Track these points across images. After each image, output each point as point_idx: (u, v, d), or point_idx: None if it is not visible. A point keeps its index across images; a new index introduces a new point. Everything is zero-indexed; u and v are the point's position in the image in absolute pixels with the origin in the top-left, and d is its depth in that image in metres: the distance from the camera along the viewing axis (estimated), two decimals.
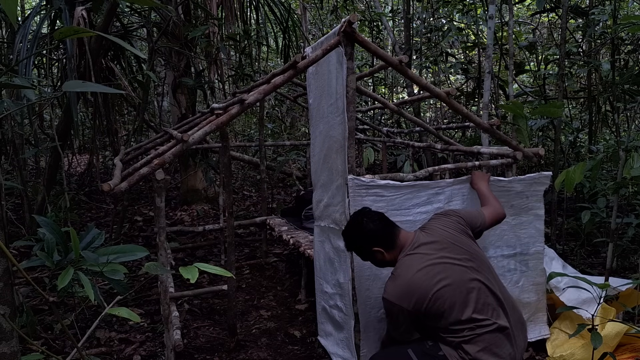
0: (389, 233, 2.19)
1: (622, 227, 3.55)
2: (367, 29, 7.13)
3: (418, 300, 2.01)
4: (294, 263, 4.35)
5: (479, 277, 2.09)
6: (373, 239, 2.19)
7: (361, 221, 2.21)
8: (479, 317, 2.01)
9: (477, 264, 2.14)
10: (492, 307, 2.05)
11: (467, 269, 2.10)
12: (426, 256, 2.10)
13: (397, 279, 2.08)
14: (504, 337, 2.03)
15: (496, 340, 2.01)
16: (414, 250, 2.14)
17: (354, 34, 2.39)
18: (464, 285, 2.04)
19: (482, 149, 3.18)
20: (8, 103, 2.78)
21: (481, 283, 2.08)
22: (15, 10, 1.18)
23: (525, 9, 8.50)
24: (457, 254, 2.13)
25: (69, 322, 2.99)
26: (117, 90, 1.45)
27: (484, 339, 1.99)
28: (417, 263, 2.08)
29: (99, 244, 2.39)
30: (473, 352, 1.98)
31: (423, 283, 2.03)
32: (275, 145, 6.48)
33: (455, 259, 2.11)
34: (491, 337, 2.00)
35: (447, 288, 2.02)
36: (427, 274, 2.04)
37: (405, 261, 2.11)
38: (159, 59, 5.97)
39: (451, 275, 2.05)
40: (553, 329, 2.81)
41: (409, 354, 2.06)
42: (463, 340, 2.00)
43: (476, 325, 2.00)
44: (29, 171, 6.47)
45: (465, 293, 2.03)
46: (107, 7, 3.85)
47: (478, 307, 2.03)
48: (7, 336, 1.34)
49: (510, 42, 4.56)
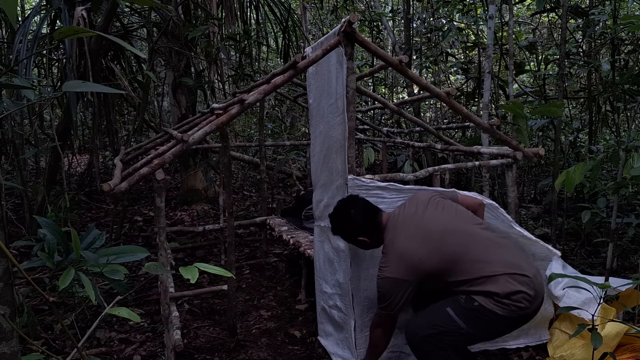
0: (374, 223, 2.32)
1: (622, 227, 3.55)
2: (367, 29, 7.13)
3: (422, 265, 2.11)
4: (294, 263, 4.35)
5: (468, 226, 2.23)
6: (359, 230, 2.34)
7: (348, 213, 2.33)
8: (486, 260, 2.10)
9: (462, 215, 2.29)
10: (493, 251, 2.14)
11: (455, 221, 2.24)
12: (412, 224, 2.22)
13: (393, 256, 2.17)
14: (516, 272, 2.09)
15: (512, 276, 2.08)
16: (399, 225, 2.24)
17: (354, 34, 2.39)
18: (459, 236, 2.17)
19: (482, 149, 3.18)
20: (8, 103, 2.78)
21: (473, 230, 2.22)
22: (15, 10, 1.18)
23: (525, 9, 8.50)
24: (440, 211, 2.27)
25: (69, 322, 2.99)
26: (117, 90, 1.45)
27: (502, 277, 2.07)
28: (406, 234, 2.19)
29: (99, 244, 2.40)
30: (502, 290, 2.05)
31: (420, 247, 2.14)
32: (275, 145, 6.48)
33: (441, 216, 2.25)
34: (506, 277, 2.07)
35: (445, 242, 2.14)
36: (421, 239, 2.16)
37: (395, 237, 2.21)
38: (159, 59, 5.97)
39: (444, 230, 2.18)
40: (553, 329, 2.81)
41: (449, 312, 2.13)
42: (486, 284, 2.07)
43: (490, 270, 2.08)
44: (29, 171, 6.47)
45: (464, 243, 2.15)
46: (107, 7, 3.85)
47: (481, 252, 2.13)
48: (7, 336, 1.34)
49: (510, 42, 4.56)
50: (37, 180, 5.98)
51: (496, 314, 2.05)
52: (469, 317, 2.09)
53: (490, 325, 2.11)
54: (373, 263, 2.56)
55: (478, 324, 2.10)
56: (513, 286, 2.05)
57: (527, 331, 2.80)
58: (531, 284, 2.08)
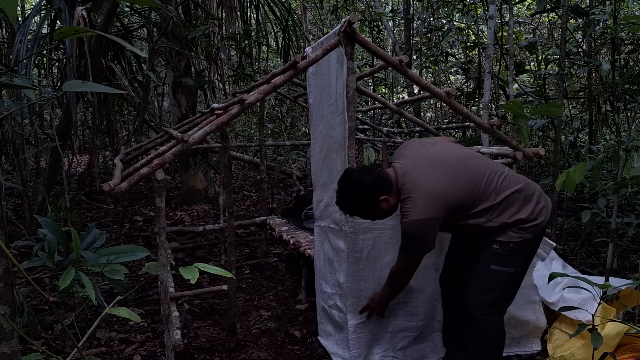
0: (383, 176, 2.21)
1: (622, 227, 3.55)
2: (367, 29, 7.13)
3: (449, 197, 2.12)
4: (294, 263, 4.35)
5: (473, 155, 2.32)
6: (376, 189, 2.18)
7: (355, 179, 2.18)
8: (500, 184, 2.18)
9: (462, 148, 2.41)
10: (501, 174, 2.22)
11: (462, 151, 2.32)
12: (426, 162, 2.21)
13: (418, 195, 2.11)
14: (527, 190, 2.22)
15: (526, 196, 2.20)
16: (411, 168, 2.19)
17: (354, 33, 2.39)
18: (473, 162, 2.24)
19: (482, 148, 3.18)
20: (8, 103, 2.78)
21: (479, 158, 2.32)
22: (15, 10, 1.18)
23: (525, 9, 8.50)
24: (444, 145, 2.35)
25: (69, 322, 2.99)
26: (117, 90, 1.45)
27: (518, 199, 2.17)
28: (423, 172, 2.16)
29: (99, 244, 2.40)
30: (526, 215, 2.16)
31: (443, 179, 2.13)
32: (275, 145, 6.49)
33: (448, 149, 2.31)
34: (521, 198, 2.18)
35: (462, 171, 2.17)
36: (441, 172, 2.15)
37: (413, 178, 2.15)
38: (159, 59, 5.97)
39: (458, 159, 2.23)
40: (553, 329, 2.81)
41: (495, 268, 2.21)
42: (507, 210, 2.15)
43: (506, 193, 2.16)
44: (29, 171, 6.47)
45: (478, 169, 2.20)
46: (107, 7, 3.85)
47: (493, 177, 2.19)
48: (7, 336, 1.34)
49: (510, 42, 4.56)
50: (37, 180, 5.98)
51: (529, 240, 2.19)
52: (512, 259, 2.20)
53: (529, 254, 2.27)
54: (369, 264, 2.56)
55: (521, 260, 2.24)
56: (531, 205, 2.18)
57: (519, 340, 2.80)
58: (541, 197, 2.24)
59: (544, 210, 2.22)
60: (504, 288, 2.26)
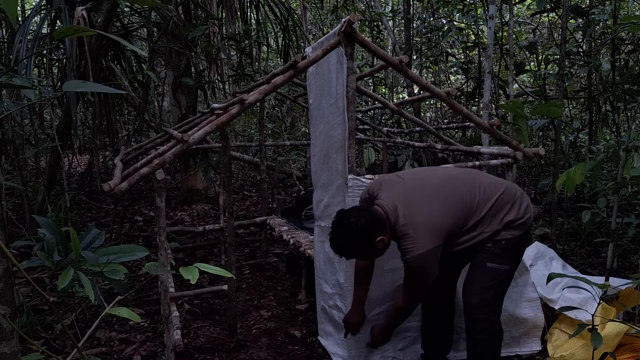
0: (377, 216, 2.16)
1: (622, 227, 3.55)
2: (367, 29, 7.13)
3: (444, 222, 2.14)
4: (294, 263, 4.35)
5: (452, 170, 2.41)
6: (373, 231, 2.14)
7: (350, 224, 2.12)
8: (485, 192, 2.25)
9: (437, 168, 2.47)
10: (484, 182, 2.31)
11: (440, 171, 2.39)
12: (413, 194, 2.21)
13: (415, 230, 2.11)
14: (510, 193, 2.31)
15: (511, 198, 2.29)
16: (400, 204, 2.17)
17: (354, 34, 2.39)
18: (455, 181, 2.29)
19: (482, 149, 3.18)
20: (8, 103, 2.78)
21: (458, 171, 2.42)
22: (15, 10, 1.18)
23: (525, 9, 8.50)
24: (420, 172, 2.43)
25: (69, 322, 2.98)
26: (117, 90, 1.45)
27: (506, 204, 2.26)
28: (415, 205, 2.16)
29: (99, 244, 2.40)
30: (514, 216, 2.25)
31: (434, 207, 2.15)
32: (275, 145, 6.48)
33: (427, 173, 2.39)
34: (508, 202, 2.27)
35: (449, 192, 2.22)
36: (429, 201, 2.17)
37: (405, 213, 2.14)
38: (159, 59, 5.97)
39: (440, 182, 2.27)
40: (553, 329, 2.81)
41: (490, 266, 2.26)
42: (497, 215, 2.23)
43: (493, 200, 2.24)
44: (29, 171, 6.47)
45: (463, 185, 2.25)
46: (107, 7, 3.85)
47: (477, 187, 2.26)
48: (7, 336, 1.34)
49: (510, 42, 4.56)
50: (37, 180, 5.98)
51: (518, 237, 2.26)
52: (506, 256, 2.27)
53: (519, 251, 2.36)
54: None
55: (513, 258, 2.32)
56: (516, 206, 2.26)
57: (519, 339, 2.79)
58: (523, 196, 2.32)
59: (529, 208, 2.30)
60: (500, 286, 2.31)
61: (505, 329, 2.49)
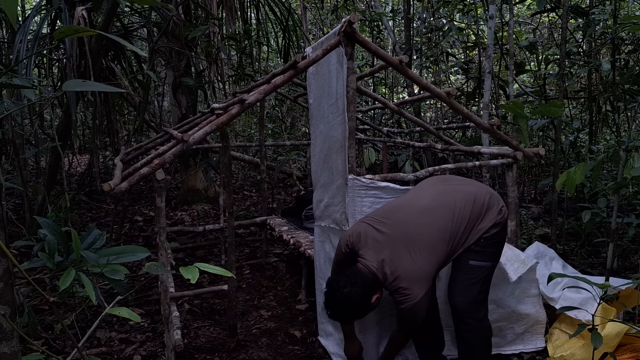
0: (368, 280, 2.20)
1: (622, 227, 3.55)
2: (367, 29, 7.13)
3: (432, 266, 2.20)
4: (294, 263, 4.35)
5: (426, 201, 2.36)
6: (368, 294, 2.21)
7: (345, 295, 2.17)
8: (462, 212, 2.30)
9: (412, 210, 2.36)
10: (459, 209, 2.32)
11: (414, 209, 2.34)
12: (395, 242, 2.22)
13: (406, 281, 2.15)
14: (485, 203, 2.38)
15: (487, 207, 2.36)
16: (386, 257, 2.20)
17: (354, 33, 2.39)
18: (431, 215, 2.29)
19: (482, 149, 3.18)
20: (8, 103, 2.77)
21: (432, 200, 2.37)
22: (15, 10, 1.18)
23: (525, 9, 8.50)
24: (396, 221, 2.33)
25: (70, 322, 2.99)
26: (117, 90, 1.45)
27: (485, 216, 2.34)
28: (399, 255, 2.19)
29: (100, 245, 2.39)
30: (490, 221, 2.33)
31: (419, 254, 2.18)
32: (275, 145, 6.48)
33: (401, 214, 2.32)
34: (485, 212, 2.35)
35: (428, 229, 2.24)
36: (412, 248, 2.19)
37: (392, 266, 2.18)
38: (159, 59, 5.97)
39: (415, 222, 2.27)
40: (553, 329, 2.81)
41: (473, 264, 2.31)
42: (477, 227, 2.31)
43: (473, 218, 2.32)
44: (29, 171, 6.47)
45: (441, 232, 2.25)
46: (107, 7, 3.85)
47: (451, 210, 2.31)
48: (7, 336, 1.34)
49: (510, 42, 4.56)
50: (38, 180, 5.98)
51: (496, 234, 2.33)
52: (486, 253, 2.33)
53: (499, 245, 2.41)
54: None
55: (493, 255, 2.38)
56: (489, 213, 2.32)
57: (522, 336, 2.79)
58: (492, 195, 2.40)
59: (502, 209, 2.37)
60: (484, 283, 2.35)
61: (507, 325, 2.49)
